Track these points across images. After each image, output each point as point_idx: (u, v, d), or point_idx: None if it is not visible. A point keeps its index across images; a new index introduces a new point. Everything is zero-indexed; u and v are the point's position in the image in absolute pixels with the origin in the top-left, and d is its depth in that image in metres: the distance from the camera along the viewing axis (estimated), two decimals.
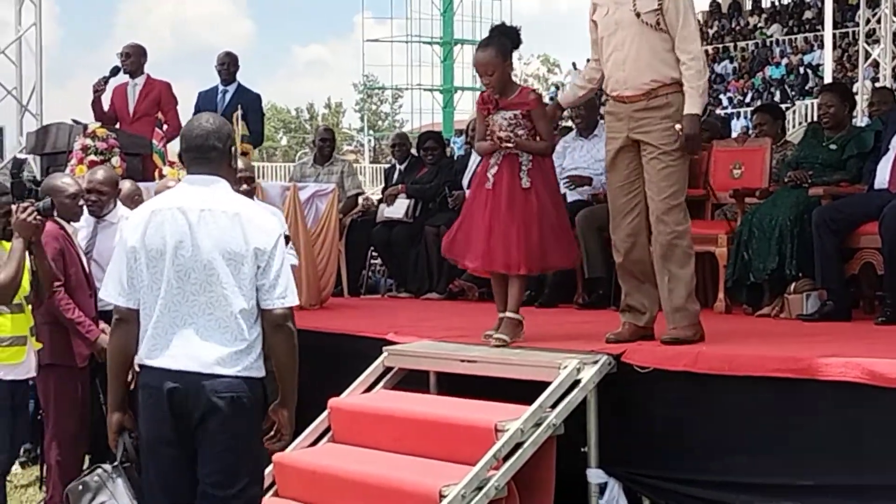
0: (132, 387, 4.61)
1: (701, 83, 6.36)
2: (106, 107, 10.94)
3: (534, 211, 6.77)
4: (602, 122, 9.67)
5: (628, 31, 6.44)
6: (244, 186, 7.00)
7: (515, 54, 6.96)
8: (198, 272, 4.45)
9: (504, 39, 6.78)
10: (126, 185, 8.03)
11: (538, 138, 6.84)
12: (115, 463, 4.60)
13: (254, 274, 4.46)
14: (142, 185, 8.66)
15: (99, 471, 4.60)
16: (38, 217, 5.77)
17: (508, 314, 6.85)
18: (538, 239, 6.78)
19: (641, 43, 6.40)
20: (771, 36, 38.71)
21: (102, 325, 6.80)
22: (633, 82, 6.44)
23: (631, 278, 6.68)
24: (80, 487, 4.60)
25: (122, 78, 11.00)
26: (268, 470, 5.89)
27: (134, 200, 7.79)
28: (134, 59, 10.92)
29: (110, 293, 4.54)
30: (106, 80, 10.85)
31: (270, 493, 6.12)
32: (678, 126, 6.32)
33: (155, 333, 4.47)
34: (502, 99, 6.85)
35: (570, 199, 9.14)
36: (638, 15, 6.40)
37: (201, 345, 4.43)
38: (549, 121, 6.94)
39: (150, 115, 10.70)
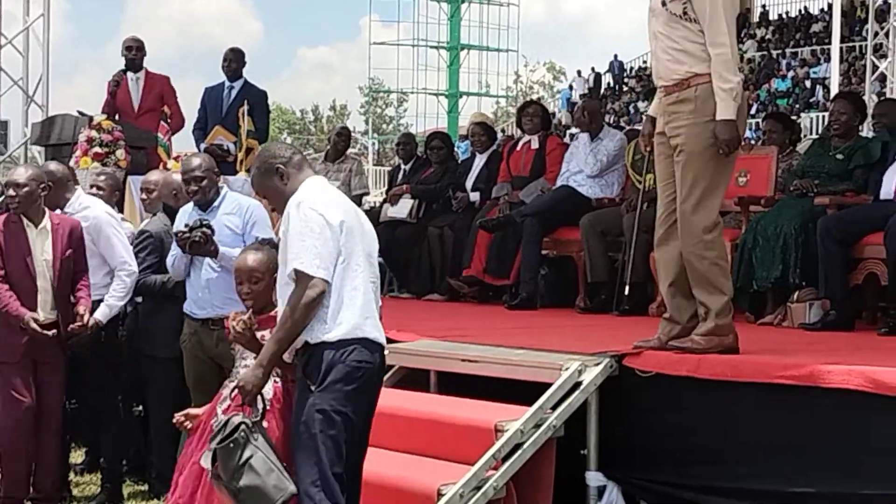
0: None
1: (730, 85, 5.93)
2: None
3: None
4: (605, 126, 9.75)
5: (658, 20, 6.15)
6: (192, 186, 6.83)
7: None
8: (369, 253, 4.91)
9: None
10: (173, 178, 7.63)
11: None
12: (257, 419, 4.82)
13: None
14: (138, 178, 8.70)
15: (242, 427, 4.76)
16: None
17: None
18: None
19: (669, 32, 6.08)
20: (745, 52, 38.62)
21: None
22: (664, 73, 6.15)
23: (665, 284, 6.38)
24: (231, 445, 4.73)
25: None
26: None
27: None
28: (141, 52, 10.86)
29: (308, 265, 4.67)
30: (123, 75, 10.77)
31: None
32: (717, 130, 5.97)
33: (363, 306, 4.81)
34: (260, 315, 5.35)
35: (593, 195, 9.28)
36: (664, 3, 6.08)
37: (378, 318, 4.92)
38: None
39: (155, 109, 10.63)
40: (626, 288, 8.44)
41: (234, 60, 11.02)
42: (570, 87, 46.10)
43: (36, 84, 13.92)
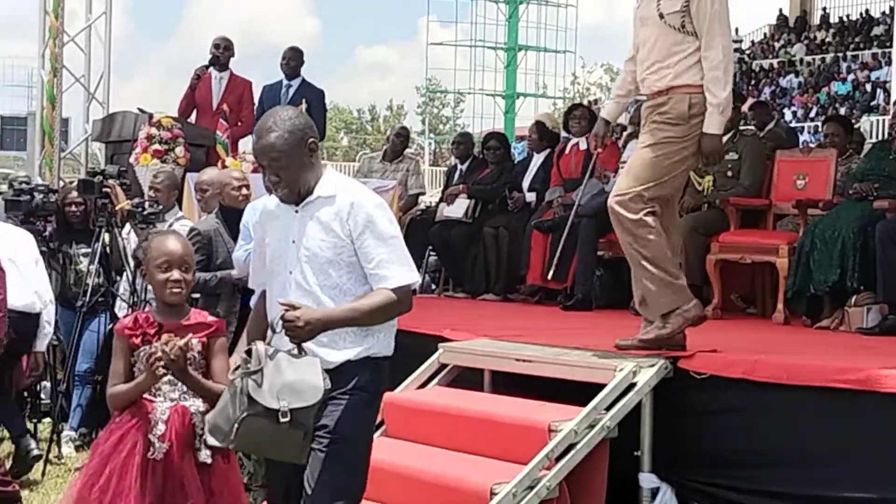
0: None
1: (717, 100, 6.03)
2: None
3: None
4: None
5: (652, 31, 6.22)
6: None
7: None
8: None
9: None
10: (223, 176, 7.70)
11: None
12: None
13: None
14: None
15: None
16: None
17: None
18: None
19: (662, 45, 6.17)
20: (795, 55, 38.48)
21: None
22: (650, 83, 6.25)
23: None
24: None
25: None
26: None
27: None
28: (228, 52, 10.97)
29: (415, 278, 4.39)
30: (205, 70, 10.88)
31: None
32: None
33: None
34: (169, 320, 4.73)
35: None
36: (661, 16, 6.16)
37: None
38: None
39: (233, 110, 10.67)
40: None
41: (293, 59, 11.11)
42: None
43: (97, 81, 14.04)
